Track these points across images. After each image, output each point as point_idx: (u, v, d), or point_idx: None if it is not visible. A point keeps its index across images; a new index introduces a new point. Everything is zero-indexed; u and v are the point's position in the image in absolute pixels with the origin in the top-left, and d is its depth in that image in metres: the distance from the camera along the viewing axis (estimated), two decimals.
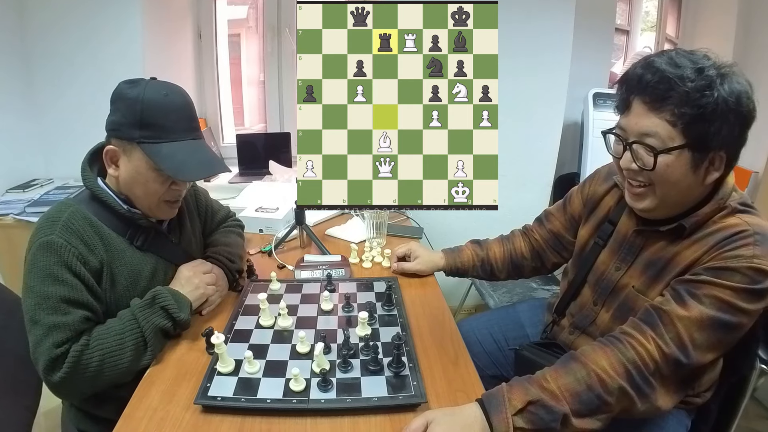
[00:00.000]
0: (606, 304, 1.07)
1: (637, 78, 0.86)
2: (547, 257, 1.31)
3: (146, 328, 0.97)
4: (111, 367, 0.93)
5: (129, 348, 0.94)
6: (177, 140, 1.01)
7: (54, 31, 2.04)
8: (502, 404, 0.80)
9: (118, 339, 0.94)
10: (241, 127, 2.84)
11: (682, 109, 0.81)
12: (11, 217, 1.88)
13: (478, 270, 1.34)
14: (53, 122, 2.16)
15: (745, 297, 0.81)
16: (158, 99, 0.98)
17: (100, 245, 0.99)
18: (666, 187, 0.87)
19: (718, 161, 0.85)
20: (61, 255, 0.93)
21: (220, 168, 1.09)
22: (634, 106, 0.87)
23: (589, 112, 2.40)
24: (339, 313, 1.12)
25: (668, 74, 0.82)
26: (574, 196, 1.24)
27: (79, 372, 0.90)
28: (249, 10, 2.74)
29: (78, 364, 0.89)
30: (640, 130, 0.86)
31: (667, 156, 0.84)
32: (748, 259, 0.81)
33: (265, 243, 1.55)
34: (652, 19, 3.27)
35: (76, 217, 0.98)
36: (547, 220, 1.31)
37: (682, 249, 0.91)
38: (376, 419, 0.83)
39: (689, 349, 0.82)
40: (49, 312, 0.91)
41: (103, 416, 1.04)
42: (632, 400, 0.82)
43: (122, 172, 1.02)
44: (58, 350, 0.89)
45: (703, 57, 0.84)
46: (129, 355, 0.94)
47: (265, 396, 0.86)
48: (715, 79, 0.80)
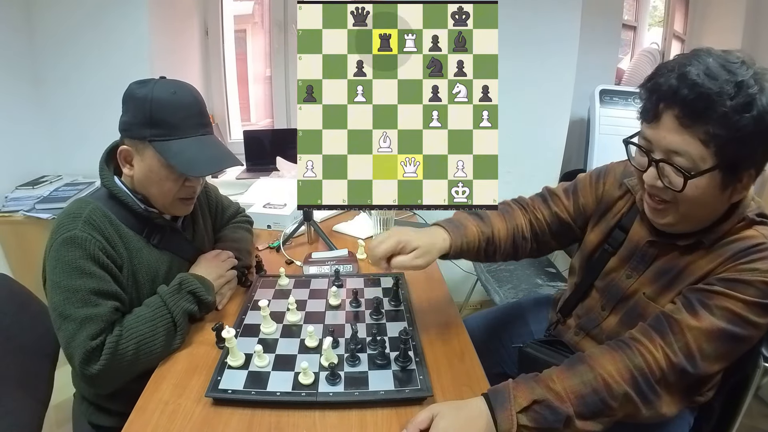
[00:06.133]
0: (614, 309, 1.05)
1: (671, 90, 0.78)
2: (545, 240, 1.18)
3: (176, 313, 1.00)
4: (146, 353, 0.95)
5: (161, 333, 0.97)
6: (187, 136, 1.02)
7: (61, 29, 2.05)
8: (508, 401, 0.80)
9: (150, 326, 0.97)
10: (248, 123, 2.85)
11: (718, 130, 0.75)
12: (21, 214, 1.90)
13: (482, 252, 1.11)
14: (61, 119, 2.17)
15: (757, 311, 0.80)
16: (166, 97, 1.00)
17: (120, 243, 1.01)
18: (691, 206, 0.83)
19: (746, 179, 0.81)
20: (86, 248, 0.94)
21: (230, 162, 1.09)
22: (664, 118, 0.80)
23: (596, 108, 2.40)
24: (347, 308, 1.14)
25: (706, 90, 0.75)
26: (587, 188, 1.15)
27: (117, 361, 0.91)
28: (255, 5, 2.75)
29: (115, 353, 0.91)
30: (668, 146, 0.80)
31: (698, 179, 0.79)
32: (763, 273, 0.80)
33: (274, 239, 1.56)
34: (660, 14, 3.25)
35: (97, 214, 0.99)
36: (553, 202, 1.17)
37: (697, 258, 0.89)
38: (383, 412, 0.84)
39: (697, 360, 0.81)
40: (79, 305, 0.91)
41: (115, 409, 1.06)
42: (636, 407, 0.82)
43: (136, 171, 1.03)
44: (94, 342, 0.90)
45: (741, 65, 0.77)
46: (161, 339, 0.97)
47: (275, 389, 0.87)
48: (755, 95, 0.74)
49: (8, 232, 1.94)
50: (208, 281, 1.10)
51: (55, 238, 0.95)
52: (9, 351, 1.03)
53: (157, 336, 0.96)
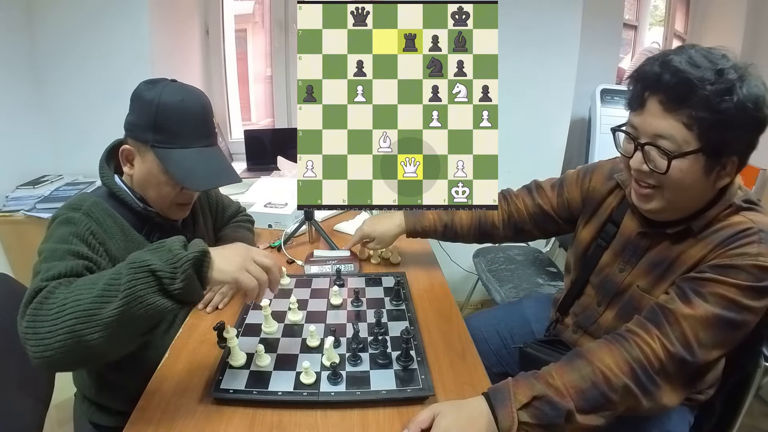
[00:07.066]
0: (610, 304, 1.06)
1: (654, 76, 0.83)
2: (527, 229, 1.28)
3: (123, 286, 0.74)
4: (73, 304, 0.73)
5: (95, 292, 0.74)
6: (189, 147, 1.01)
7: (61, 28, 2.05)
8: (508, 399, 0.80)
9: (90, 285, 0.76)
10: (249, 122, 2.85)
11: (700, 113, 0.78)
12: (22, 214, 1.90)
13: (440, 234, 1.32)
14: (62, 118, 2.17)
15: (750, 294, 0.81)
16: (173, 104, 0.98)
17: (120, 236, 1.00)
18: (675, 191, 0.86)
19: (729, 166, 0.84)
20: (77, 228, 0.92)
21: (228, 179, 1.06)
22: (649, 104, 0.84)
23: (597, 108, 2.40)
24: (348, 308, 1.14)
25: (688, 75, 0.79)
26: (572, 183, 1.20)
27: (43, 311, 0.74)
28: (255, 5, 2.75)
29: (49, 297, 0.76)
30: (654, 131, 0.83)
31: (681, 160, 0.82)
32: (753, 256, 0.81)
33: (275, 238, 1.56)
34: (661, 14, 3.25)
35: (97, 207, 0.99)
36: (538, 194, 1.26)
37: (687, 248, 0.91)
38: (385, 411, 0.84)
39: (694, 348, 0.82)
40: (51, 261, 0.85)
41: (115, 408, 1.06)
42: (637, 399, 0.82)
43: (136, 172, 1.03)
44: (43, 284, 0.78)
45: (722, 57, 0.81)
46: (92, 299, 0.73)
47: (276, 389, 0.87)
48: (735, 82, 0.77)
49: (9, 231, 1.95)
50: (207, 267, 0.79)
51: (52, 223, 0.95)
52: (9, 351, 1.03)
53: (93, 288, 0.75)
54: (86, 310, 0.72)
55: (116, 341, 0.74)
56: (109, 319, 0.71)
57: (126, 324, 0.73)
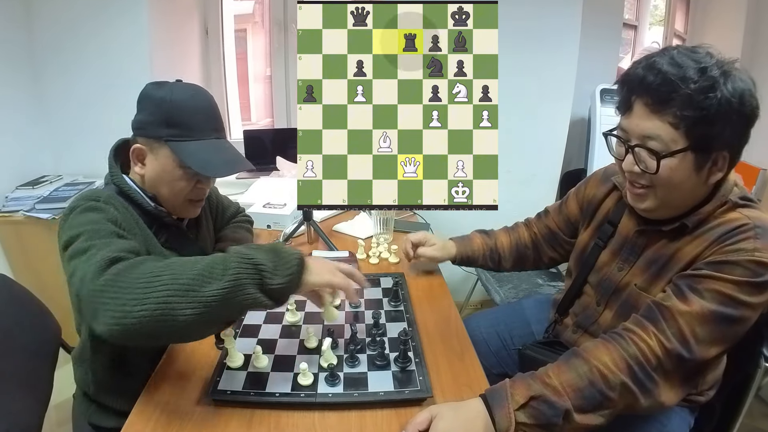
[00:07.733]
0: (609, 304, 1.07)
1: (638, 79, 0.85)
2: (543, 251, 1.33)
3: (230, 271, 0.76)
4: (169, 277, 0.74)
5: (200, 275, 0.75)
6: (202, 139, 1.02)
7: (61, 26, 2.05)
8: (505, 399, 0.80)
9: (190, 260, 0.78)
10: (248, 122, 2.85)
11: (684, 111, 0.80)
12: (21, 214, 1.90)
13: (487, 259, 1.34)
14: (61, 118, 2.18)
15: (747, 290, 0.81)
16: (185, 99, 1.01)
17: (137, 229, 0.99)
18: (668, 189, 0.87)
19: (721, 161, 0.85)
20: (106, 213, 0.91)
21: (244, 166, 1.09)
22: (636, 107, 0.86)
23: (597, 108, 2.40)
24: (346, 309, 1.13)
25: (670, 75, 0.80)
26: (571, 198, 1.25)
27: (131, 277, 0.74)
28: (255, 5, 2.75)
29: (137, 266, 0.76)
30: (642, 132, 0.85)
31: (670, 159, 0.83)
32: (749, 252, 0.81)
33: (273, 239, 1.56)
34: (661, 13, 3.25)
35: (115, 200, 0.98)
36: (545, 216, 1.33)
37: (684, 245, 0.91)
38: (383, 413, 0.84)
39: (691, 344, 0.82)
40: (100, 238, 0.83)
41: (114, 409, 1.06)
42: (635, 396, 0.82)
43: (148, 170, 1.03)
44: (113, 255, 0.78)
45: (706, 55, 0.82)
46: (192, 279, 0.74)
47: (274, 390, 0.87)
48: (718, 78, 0.79)
49: (8, 232, 1.95)
50: (306, 270, 0.84)
51: (70, 214, 0.91)
52: (9, 351, 1.03)
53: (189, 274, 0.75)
54: (185, 284, 0.74)
55: (202, 322, 0.76)
56: (209, 298, 0.73)
57: (219, 308, 0.75)
